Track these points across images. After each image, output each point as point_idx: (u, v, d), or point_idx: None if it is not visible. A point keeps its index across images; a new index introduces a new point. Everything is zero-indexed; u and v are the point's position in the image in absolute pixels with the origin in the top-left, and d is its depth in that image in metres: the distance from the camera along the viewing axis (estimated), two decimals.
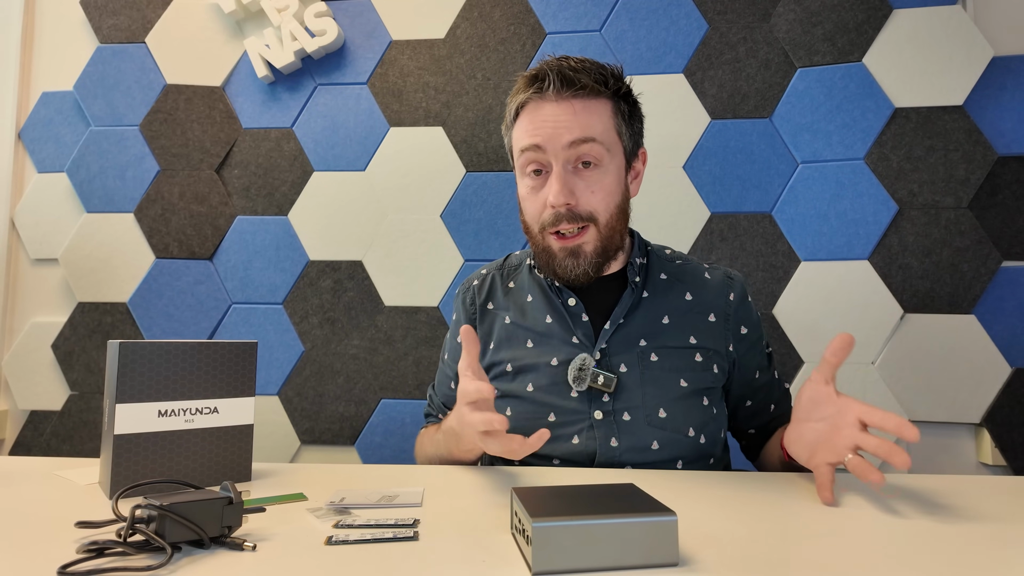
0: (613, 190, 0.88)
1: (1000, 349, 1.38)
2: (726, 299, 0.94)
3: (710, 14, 1.56)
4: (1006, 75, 1.44)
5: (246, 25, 1.66)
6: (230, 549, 0.51)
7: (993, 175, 1.43)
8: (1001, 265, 1.40)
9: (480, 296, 1.01)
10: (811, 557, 0.49)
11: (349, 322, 1.57)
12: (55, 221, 1.65)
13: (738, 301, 0.95)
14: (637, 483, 0.72)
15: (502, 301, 0.99)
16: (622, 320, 0.91)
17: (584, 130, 0.84)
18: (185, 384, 0.72)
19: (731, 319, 0.93)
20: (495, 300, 1.00)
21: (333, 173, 1.61)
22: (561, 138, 0.84)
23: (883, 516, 0.60)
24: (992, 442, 1.37)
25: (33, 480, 0.74)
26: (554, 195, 0.84)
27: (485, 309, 0.99)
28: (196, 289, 1.60)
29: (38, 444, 1.60)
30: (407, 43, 1.63)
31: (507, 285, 1.00)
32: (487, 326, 0.98)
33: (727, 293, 0.95)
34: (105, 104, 1.66)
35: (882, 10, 1.49)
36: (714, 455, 0.90)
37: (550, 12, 1.60)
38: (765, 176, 1.50)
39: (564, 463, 0.88)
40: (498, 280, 1.02)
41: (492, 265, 1.05)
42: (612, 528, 0.46)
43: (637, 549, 0.46)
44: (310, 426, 1.55)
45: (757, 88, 1.52)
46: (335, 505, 0.64)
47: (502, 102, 1.59)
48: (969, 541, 0.54)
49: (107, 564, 0.46)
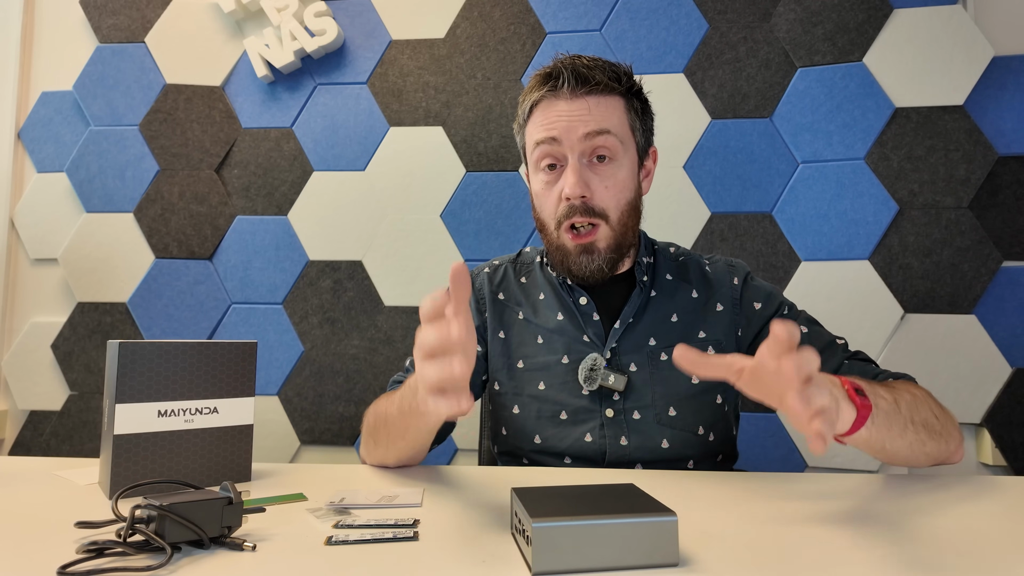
0: (626, 186, 0.88)
1: (1000, 349, 1.38)
2: (731, 285, 0.94)
3: (710, 14, 1.55)
4: (1006, 75, 1.44)
5: (246, 25, 1.66)
6: (230, 549, 0.51)
7: (993, 175, 1.43)
8: (1001, 265, 1.40)
9: (491, 284, 1.00)
10: (811, 557, 0.49)
11: (349, 322, 1.57)
12: (55, 221, 1.65)
13: (743, 283, 0.95)
14: (641, 482, 0.72)
15: (515, 295, 0.98)
16: (631, 319, 0.91)
17: (600, 122, 0.85)
18: (185, 384, 0.72)
19: (740, 303, 0.93)
20: (507, 292, 0.99)
21: (333, 173, 1.61)
22: (576, 130, 0.84)
23: (883, 516, 0.60)
24: (992, 442, 1.37)
25: (33, 480, 0.74)
26: (569, 187, 0.84)
27: (496, 298, 0.99)
28: (196, 289, 1.60)
29: (38, 444, 1.60)
30: (407, 43, 1.63)
31: (520, 280, 1.00)
32: (496, 315, 0.98)
33: (731, 280, 0.95)
34: (105, 104, 1.66)
35: (882, 10, 1.49)
36: (723, 452, 0.91)
37: (550, 12, 1.60)
38: (765, 176, 1.50)
39: (575, 461, 0.88)
40: (511, 273, 1.01)
41: (505, 258, 1.05)
42: (612, 528, 0.46)
43: (637, 549, 0.46)
44: (310, 426, 1.55)
45: (757, 88, 1.52)
46: (335, 505, 0.64)
47: (502, 102, 1.59)
48: (969, 541, 0.53)
49: (107, 564, 0.46)
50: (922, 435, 0.71)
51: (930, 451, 0.73)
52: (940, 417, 0.75)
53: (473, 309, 0.98)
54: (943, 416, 0.76)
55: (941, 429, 0.73)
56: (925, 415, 0.72)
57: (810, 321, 0.91)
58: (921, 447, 0.71)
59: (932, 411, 0.74)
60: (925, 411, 0.72)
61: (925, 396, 0.76)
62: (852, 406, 0.60)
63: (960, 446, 0.78)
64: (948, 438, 0.75)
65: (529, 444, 0.90)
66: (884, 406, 0.66)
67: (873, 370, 0.86)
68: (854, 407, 0.60)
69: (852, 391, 0.61)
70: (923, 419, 0.71)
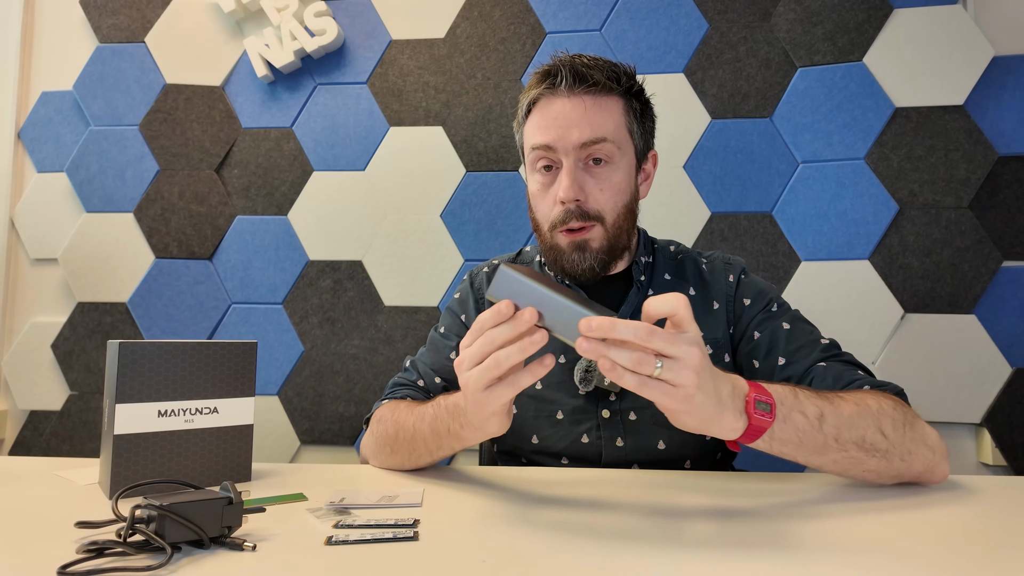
0: (622, 188, 0.88)
1: (1000, 349, 1.38)
2: (726, 282, 0.94)
3: (710, 13, 1.55)
4: (1006, 75, 1.44)
5: (246, 25, 1.66)
6: (230, 549, 0.51)
7: (993, 175, 1.43)
8: (1001, 265, 1.40)
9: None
10: (811, 557, 0.49)
11: (349, 322, 1.57)
12: (55, 221, 1.65)
13: (738, 280, 0.94)
14: (642, 483, 0.73)
15: None
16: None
17: (595, 130, 0.84)
18: (185, 384, 0.72)
19: (732, 299, 0.93)
20: None
21: (333, 173, 1.61)
22: (571, 137, 0.84)
23: (882, 516, 0.60)
24: (992, 442, 1.37)
25: (33, 480, 0.74)
26: (564, 191, 0.84)
27: None
28: (196, 289, 1.60)
29: (38, 444, 1.60)
30: (407, 43, 1.63)
31: None
32: None
33: (726, 277, 0.94)
34: (105, 104, 1.66)
35: (882, 10, 1.49)
36: (721, 449, 0.91)
37: (550, 12, 1.60)
38: (765, 176, 1.50)
39: (572, 462, 0.88)
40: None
41: (505, 257, 1.05)
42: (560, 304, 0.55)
43: None
44: (310, 426, 1.55)
45: (757, 88, 1.52)
46: (335, 505, 0.63)
47: (502, 102, 1.59)
48: (969, 541, 0.53)
49: (107, 564, 0.46)
50: (854, 454, 0.65)
51: (873, 469, 0.67)
52: (897, 436, 0.67)
53: (471, 309, 0.99)
54: (907, 435, 0.68)
55: (890, 448, 0.66)
56: (865, 433, 0.65)
57: (795, 319, 0.89)
58: (856, 465, 0.66)
59: (883, 430, 0.66)
60: (869, 429, 0.65)
61: (887, 412, 0.68)
62: (743, 418, 0.59)
63: (938, 466, 0.70)
64: (908, 458, 0.68)
65: (527, 444, 0.90)
66: (798, 422, 0.62)
67: (850, 375, 0.80)
68: (746, 419, 0.59)
69: (752, 404, 0.59)
70: (859, 438, 0.65)
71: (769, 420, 0.60)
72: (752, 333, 0.89)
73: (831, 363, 0.82)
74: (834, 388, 0.78)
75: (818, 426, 0.63)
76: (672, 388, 0.54)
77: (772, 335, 0.87)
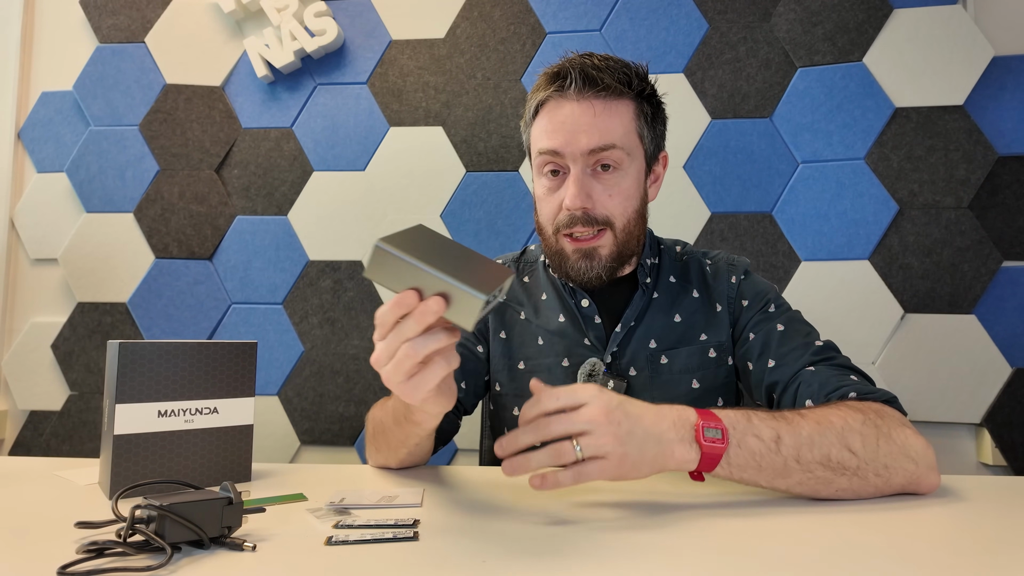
0: (631, 194, 0.86)
1: (1000, 349, 1.38)
2: (728, 284, 0.93)
3: (710, 14, 1.55)
4: (1006, 75, 1.44)
5: (246, 25, 1.66)
6: (230, 549, 0.51)
7: (993, 175, 1.43)
8: (1001, 265, 1.40)
9: None
10: (810, 557, 0.49)
11: (349, 322, 1.57)
12: (55, 221, 1.65)
13: (740, 281, 0.93)
14: (642, 483, 0.73)
15: (517, 294, 0.98)
16: (633, 323, 0.91)
17: (603, 137, 0.82)
18: (185, 384, 0.72)
19: (733, 301, 0.92)
20: (509, 291, 0.99)
21: (333, 173, 1.61)
22: (580, 143, 0.82)
23: (882, 516, 0.60)
24: (992, 442, 1.37)
25: (33, 480, 0.74)
26: (570, 198, 0.82)
27: None
28: (196, 289, 1.60)
29: (38, 444, 1.60)
30: (407, 43, 1.63)
31: (523, 279, 1.00)
32: (497, 314, 0.97)
33: (729, 278, 0.94)
34: (105, 104, 1.66)
35: (882, 10, 1.49)
36: None
37: (550, 12, 1.60)
38: (765, 176, 1.50)
39: None
40: (514, 271, 1.01)
41: (508, 256, 1.04)
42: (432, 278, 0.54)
43: None
44: (310, 426, 1.55)
45: (757, 88, 1.52)
46: (335, 505, 0.64)
47: (502, 102, 1.59)
48: (969, 541, 0.53)
49: (107, 564, 0.46)
50: (821, 474, 0.62)
51: (846, 487, 0.64)
52: (868, 451, 0.64)
53: None
54: (881, 449, 0.64)
55: (861, 465, 0.63)
56: (830, 452, 0.62)
57: (792, 320, 0.87)
58: (825, 486, 0.63)
59: (850, 447, 0.63)
60: (834, 448, 0.63)
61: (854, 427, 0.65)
62: (694, 447, 0.60)
63: (923, 478, 0.66)
64: (885, 473, 0.64)
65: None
66: (753, 446, 0.61)
67: (838, 382, 0.76)
68: (697, 448, 0.60)
69: (699, 432, 0.60)
70: (823, 457, 0.62)
71: (721, 446, 0.60)
72: (748, 335, 0.89)
73: (820, 368, 0.79)
74: (820, 394, 0.76)
75: (775, 448, 0.62)
76: (603, 460, 0.56)
77: (765, 337, 0.86)
